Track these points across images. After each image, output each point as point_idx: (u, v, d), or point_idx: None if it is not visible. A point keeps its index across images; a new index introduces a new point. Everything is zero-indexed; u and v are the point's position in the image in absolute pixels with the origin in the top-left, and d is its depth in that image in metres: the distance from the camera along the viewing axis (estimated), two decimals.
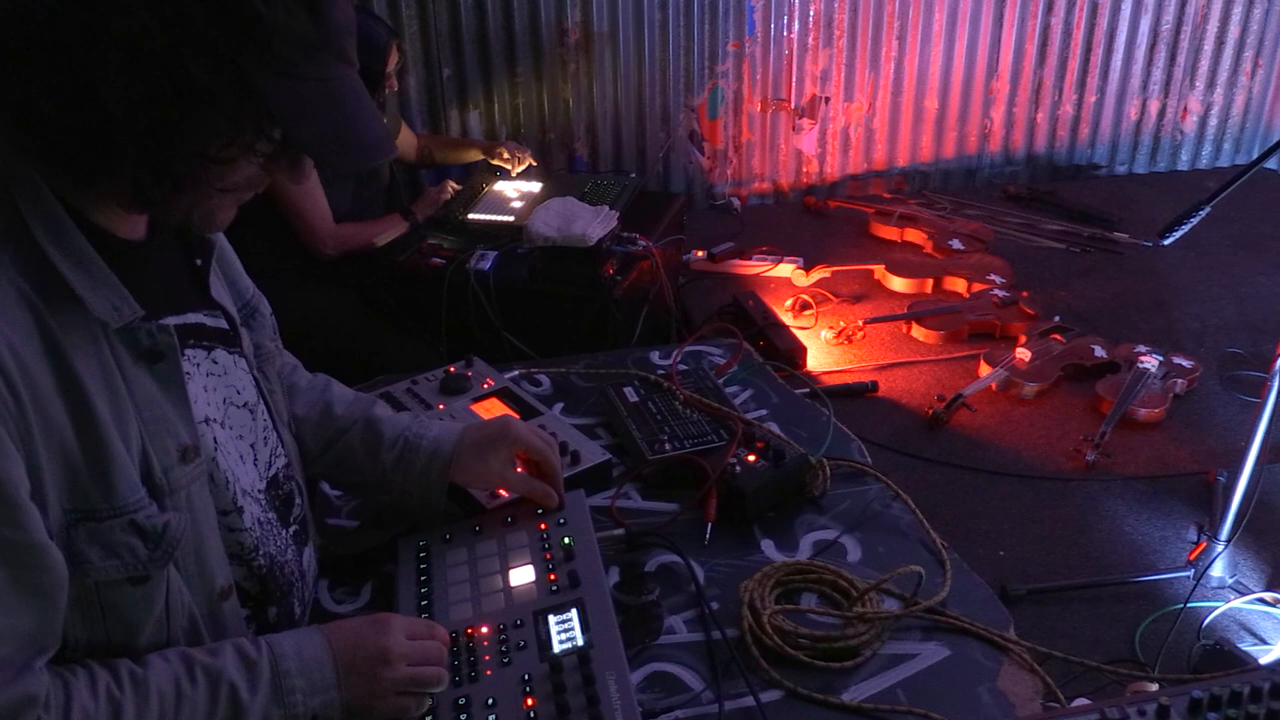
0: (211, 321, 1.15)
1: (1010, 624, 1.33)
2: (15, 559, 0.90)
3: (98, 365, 0.97)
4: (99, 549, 0.97)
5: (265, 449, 1.25)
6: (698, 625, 1.34)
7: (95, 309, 0.96)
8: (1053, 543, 2.42)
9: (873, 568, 1.43)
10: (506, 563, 1.34)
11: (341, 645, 1.11)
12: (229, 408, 1.16)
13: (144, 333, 1.01)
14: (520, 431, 1.42)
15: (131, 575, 1.00)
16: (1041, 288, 3.48)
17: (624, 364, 1.96)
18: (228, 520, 1.14)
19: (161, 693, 1.00)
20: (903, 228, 3.91)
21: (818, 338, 3.24)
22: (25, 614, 0.92)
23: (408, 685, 1.12)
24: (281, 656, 1.07)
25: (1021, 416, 2.88)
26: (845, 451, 1.68)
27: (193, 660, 1.04)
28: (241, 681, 1.04)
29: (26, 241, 0.93)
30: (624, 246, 2.93)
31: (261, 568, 1.19)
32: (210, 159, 0.95)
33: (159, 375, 1.03)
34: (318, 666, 1.08)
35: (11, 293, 0.91)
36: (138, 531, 1.00)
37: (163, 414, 1.03)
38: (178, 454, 1.04)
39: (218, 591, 1.11)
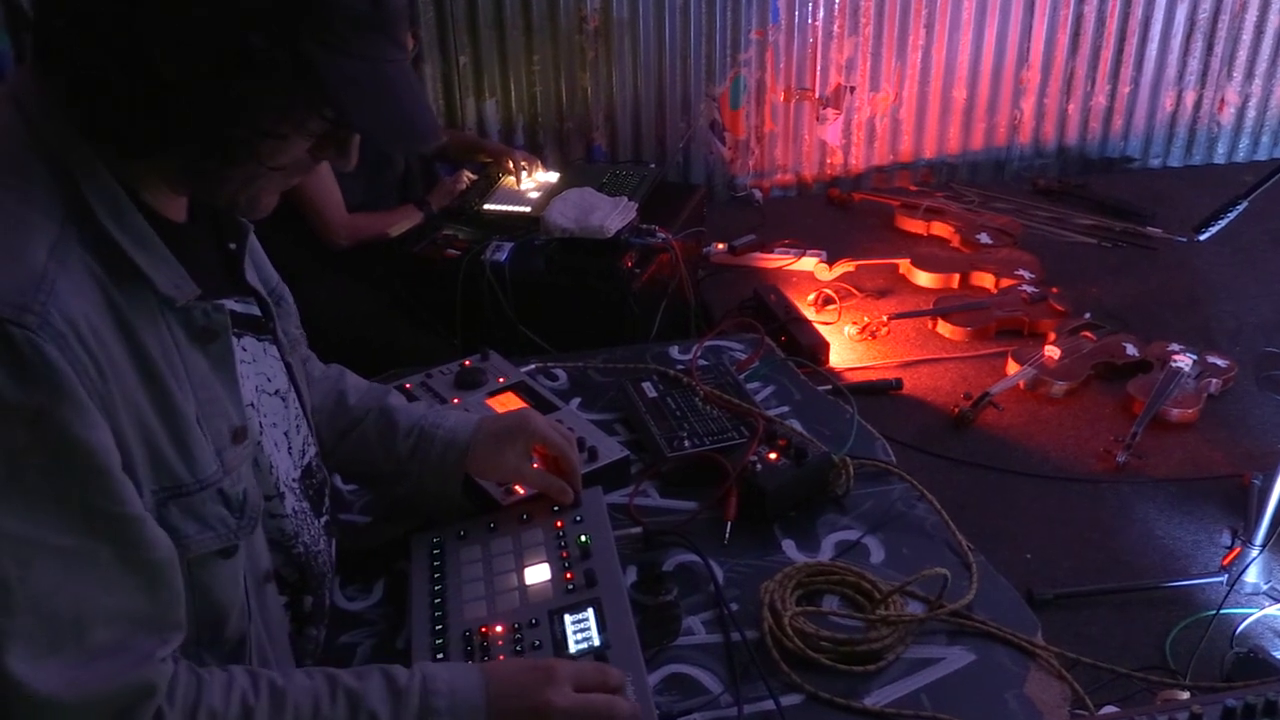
0: (242, 308, 1.17)
1: (1038, 629, 1.33)
2: (116, 534, 0.91)
3: (159, 343, 0.98)
4: (194, 523, 1.00)
5: (298, 437, 1.26)
6: (716, 626, 1.34)
7: (161, 286, 0.98)
8: (1081, 546, 2.41)
9: (896, 569, 1.43)
10: (522, 560, 1.35)
11: (498, 690, 1.07)
12: (261, 395, 1.18)
13: (199, 312, 1.03)
14: (538, 425, 1.42)
15: (224, 546, 1.03)
16: (1072, 284, 3.46)
17: (643, 359, 1.96)
18: (270, 505, 1.15)
19: (298, 708, 1.00)
20: (929, 221, 3.89)
21: (841, 333, 3.23)
22: (133, 593, 0.93)
23: None
24: (434, 693, 1.05)
25: (1050, 416, 2.87)
26: (869, 450, 1.68)
27: (337, 681, 1.04)
28: (383, 710, 1.02)
29: (90, 221, 0.94)
30: (643, 239, 2.93)
31: (300, 555, 1.21)
32: (264, 133, 0.96)
33: (212, 355, 1.05)
34: (469, 710, 1.05)
35: (82, 269, 0.93)
36: (224, 500, 1.02)
37: (216, 395, 1.05)
38: (230, 435, 1.06)
39: (262, 574, 1.13)
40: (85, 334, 0.90)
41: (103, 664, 0.90)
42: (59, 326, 0.87)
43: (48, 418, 0.86)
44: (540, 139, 4.12)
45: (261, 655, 1.13)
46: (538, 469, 1.44)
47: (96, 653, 0.90)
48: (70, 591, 0.89)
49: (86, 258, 0.93)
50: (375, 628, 1.37)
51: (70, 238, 0.93)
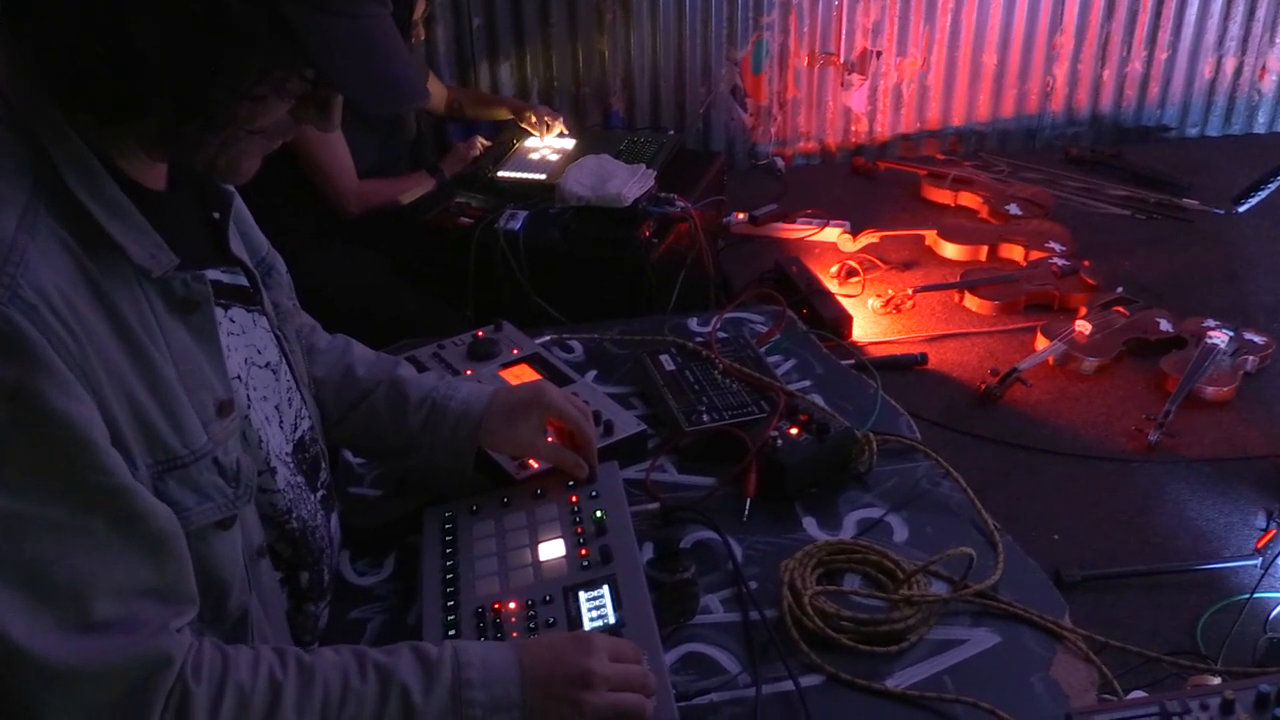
0: (229, 278, 1.16)
1: (1065, 611, 1.33)
2: (109, 504, 0.91)
3: (138, 314, 0.98)
4: (192, 494, 1.00)
5: (290, 410, 1.26)
6: (735, 605, 1.34)
7: (135, 256, 0.97)
8: (1110, 527, 2.41)
9: (920, 549, 1.43)
10: (536, 536, 1.35)
11: (533, 662, 1.08)
12: (251, 368, 1.17)
13: (179, 282, 1.02)
14: (554, 398, 1.42)
15: (222, 517, 1.03)
16: (1104, 257, 3.44)
17: (660, 330, 1.96)
18: (261, 480, 1.15)
19: (327, 683, 1.00)
20: (957, 191, 3.87)
21: (864, 306, 3.22)
22: (136, 565, 0.93)
23: (608, 713, 1.07)
24: (466, 664, 1.05)
25: (1080, 393, 2.86)
26: (893, 426, 1.68)
27: (365, 656, 1.04)
28: (415, 684, 1.02)
29: (61, 190, 0.94)
30: (661, 207, 2.91)
31: (294, 530, 1.21)
32: (242, 95, 0.96)
33: (193, 327, 1.05)
34: (502, 682, 1.05)
35: (53, 239, 0.92)
36: (220, 470, 1.03)
37: (198, 366, 1.04)
38: (215, 408, 1.05)
39: (254, 549, 1.13)
40: (59, 306, 0.89)
41: (114, 636, 0.91)
42: (29, 298, 0.86)
43: (25, 392, 0.85)
44: (556, 104, 4.10)
45: (260, 633, 1.14)
46: (552, 442, 1.44)
47: (104, 625, 0.90)
48: (68, 565, 0.89)
49: (57, 228, 0.92)
50: (386, 603, 1.38)
51: (39, 207, 0.91)
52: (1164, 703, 1.05)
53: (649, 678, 1.11)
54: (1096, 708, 1.09)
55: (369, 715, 1.00)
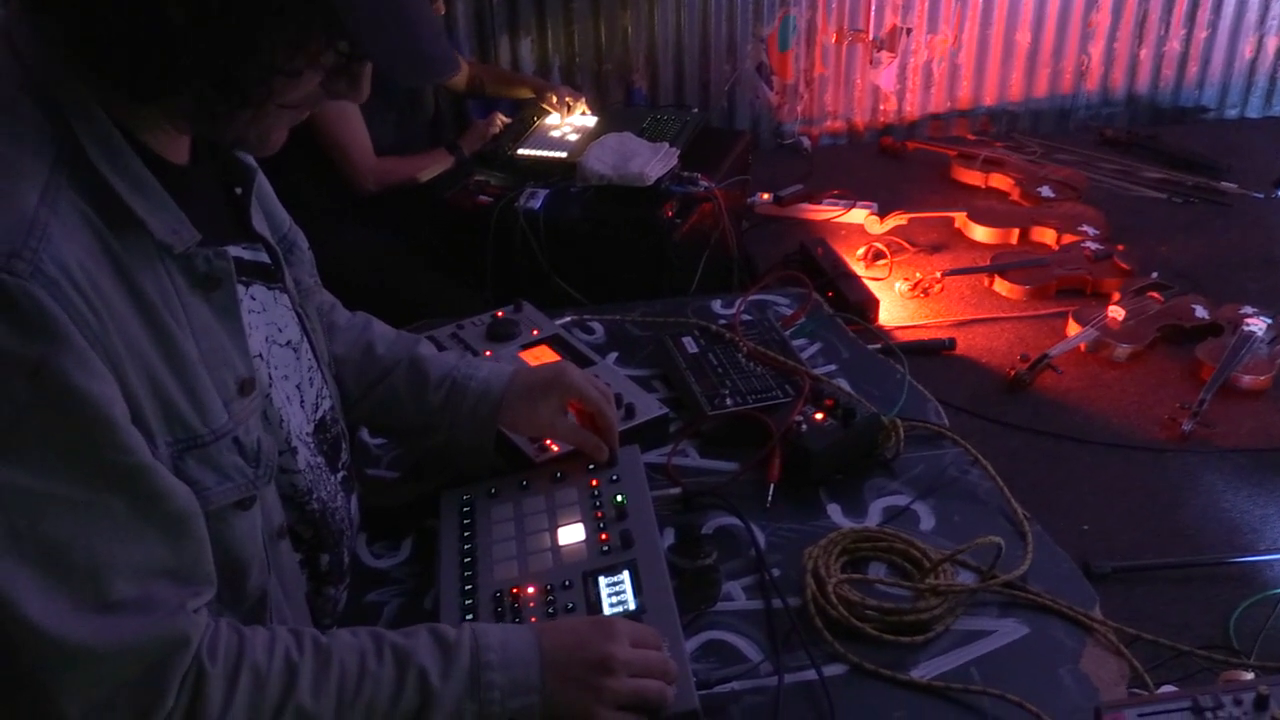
0: (250, 255, 1.16)
1: (1096, 602, 1.32)
2: (127, 484, 0.91)
3: (159, 291, 0.98)
4: (212, 473, 1.00)
5: (311, 390, 1.26)
6: (757, 593, 1.34)
7: (157, 232, 0.97)
8: (1142, 518, 2.40)
9: (947, 537, 1.42)
10: (555, 520, 1.35)
11: (554, 646, 1.08)
12: (271, 346, 1.17)
13: (201, 259, 1.02)
14: (575, 379, 1.42)
15: (242, 497, 1.03)
16: (1139, 241, 3.42)
17: (683, 312, 1.96)
18: (281, 460, 1.15)
19: (344, 665, 1.01)
20: (987, 172, 3.86)
21: (892, 290, 3.22)
22: (155, 545, 0.93)
23: (629, 699, 1.07)
24: (485, 647, 1.06)
25: (1112, 380, 2.84)
26: (920, 412, 1.67)
27: (383, 638, 1.05)
28: (434, 666, 1.03)
29: (83, 164, 0.94)
30: (684, 187, 2.91)
31: (315, 512, 1.21)
32: (277, 70, 0.96)
33: (215, 304, 1.04)
34: (522, 665, 1.06)
35: (75, 214, 0.92)
36: (240, 450, 1.03)
37: (220, 344, 1.05)
38: (236, 387, 1.06)
39: (274, 529, 1.13)
40: (81, 281, 0.89)
41: (130, 616, 0.91)
42: (52, 273, 0.87)
43: (48, 368, 0.86)
44: (578, 81, 4.10)
45: (279, 615, 1.14)
46: (573, 424, 1.44)
47: (120, 605, 0.91)
48: (85, 544, 0.89)
49: (79, 202, 0.92)
50: (403, 586, 1.38)
51: (61, 181, 0.92)
52: (1196, 697, 1.04)
53: (670, 664, 1.11)
54: (1127, 701, 1.08)
55: (386, 697, 1.01)
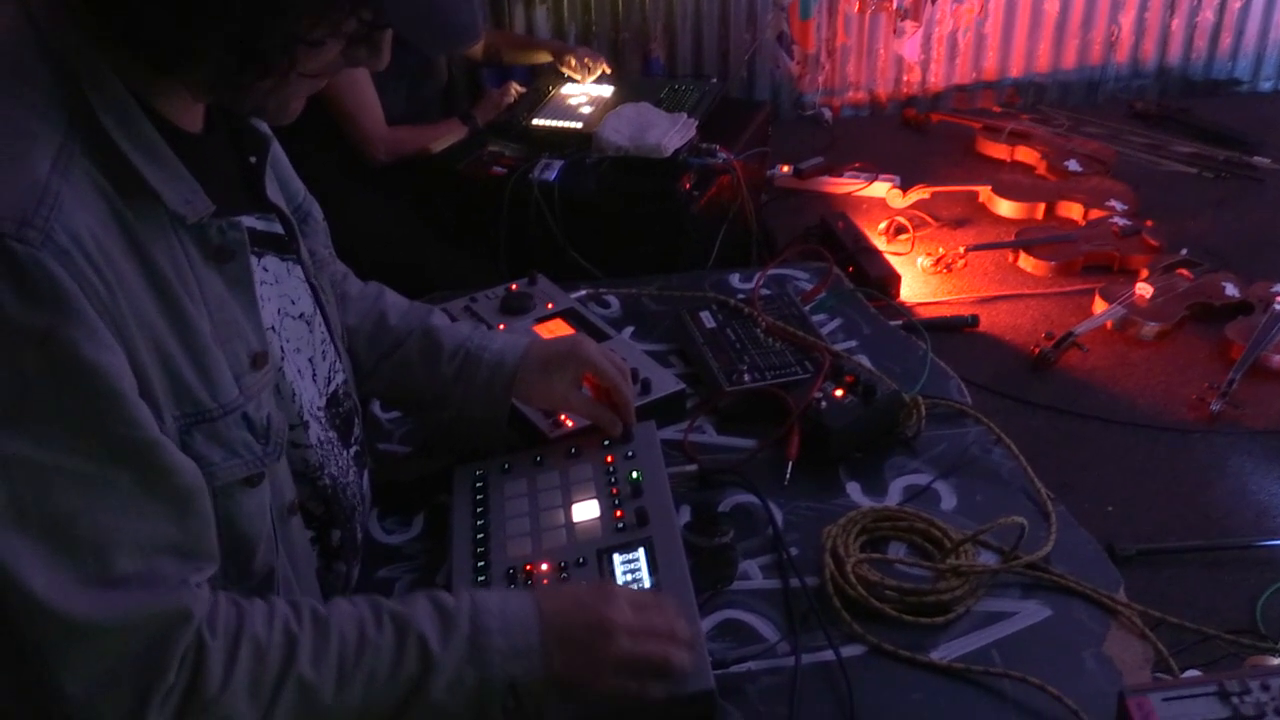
0: (263, 225, 1.16)
1: (1120, 585, 1.32)
2: (134, 459, 0.91)
3: (172, 262, 0.98)
4: (220, 449, 1.00)
5: (324, 364, 1.26)
6: (774, 572, 1.34)
7: (170, 203, 0.97)
8: (1168, 500, 2.39)
9: (969, 517, 1.42)
10: (569, 496, 1.35)
11: (553, 611, 1.08)
12: (284, 319, 1.17)
13: (214, 230, 1.02)
14: (590, 352, 1.42)
15: (250, 474, 1.03)
16: (1168, 217, 3.40)
17: (701, 286, 1.95)
18: (293, 435, 1.16)
19: (343, 635, 1.01)
20: (1013, 146, 3.84)
21: (914, 265, 3.21)
22: (160, 520, 0.94)
23: (631, 663, 1.07)
24: (484, 612, 1.06)
25: (1139, 359, 2.83)
26: (942, 390, 1.66)
27: (381, 607, 1.05)
28: (433, 633, 1.03)
29: (97, 132, 0.94)
30: (702, 159, 2.90)
31: (326, 487, 1.22)
32: (300, 40, 0.96)
33: (228, 275, 1.05)
34: (521, 630, 1.05)
35: (87, 182, 0.92)
36: (249, 426, 1.03)
37: (233, 317, 1.05)
38: (249, 360, 1.06)
39: (285, 505, 1.14)
40: (91, 251, 0.89)
41: (133, 591, 0.92)
42: (63, 242, 0.87)
43: (56, 339, 0.86)
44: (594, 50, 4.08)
45: (289, 591, 1.15)
46: (588, 397, 1.44)
47: (124, 580, 0.91)
48: (90, 518, 0.90)
49: (92, 170, 0.92)
50: (414, 562, 1.39)
51: (75, 149, 0.91)
52: (1223, 682, 1.04)
53: (674, 626, 1.11)
54: (1151, 686, 1.08)
55: (386, 666, 1.01)
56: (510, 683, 1.03)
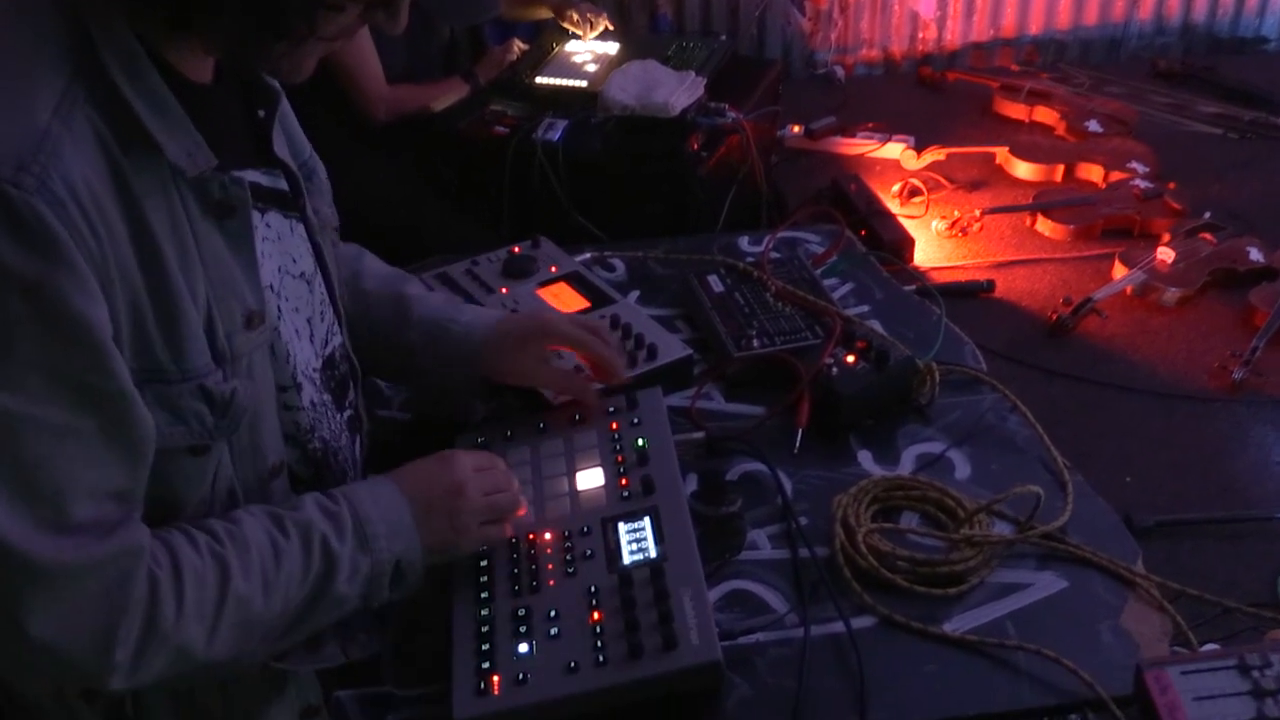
0: (268, 181, 1.17)
1: (1139, 556, 1.32)
2: (105, 409, 0.93)
3: (168, 217, 0.99)
4: (166, 414, 1.01)
5: (322, 325, 1.27)
6: (783, 542, 1.35)
7: (172, 155, 0.98)
8: (1188, 470, 2.39)
9: (983, 487, 1.42)
10: (573, 464, 1.35)
11: (413, 488, 1.18)
12: (284, 277, 1.18)
13: (216, 184, 1.03)
14: (555, 323, 1.43)
15: (194, 444, 1.05)
16: (1191, 179, 3.38)
17: (709, 250, 1.95)
18: (285, 397, 1.17)
19: (260, 547, 1.06)
20: (1032, 105, 3.81)
21: (928, 228, 3.19)
22: (115, 469, 0.96)
23: (487, 514, 1.22)
24: (359, 503, 1.13)
25: (1160, 326, 2.82)
26: (957, 356, 1.66)
27: (280, 515, 1.10)
28: (330, 530, 1.10)
29: (102, 79, 0.94)
30: (711, 119, 2.88)
31: (316, 451, 1.23)
32: (320, 4, 0.97)
33: (228, 232, 1.05)
34: (395, 511, 1.15)
35: (88, 130, 0.93)
36: (206, 398, 1.03)
37: (230, 274, 1.06)
38: (243, 319, 1.07)
39: (268, 468, 1.15)
40: (85, 201, 0.90)
41: (89, 535, 0.93)
42: (58, 191, 0.88)
43: (46, 287, 0.87)
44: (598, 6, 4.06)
45: None
46: (560, 370, 1.45)
47: (79, 527, 0.93)
48: (53, 466, 0.91)
49: (94, 118, 0.93)
50: None
51: (78, 95, 0.92)
52: (1243, 656, 1.04)
53: (511, 476, 1.27)
54: (1170, 659, 1.08)
55: (299, 568, 1.07)
56: (395, 560, 1.13)
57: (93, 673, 0.95)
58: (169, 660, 0.98)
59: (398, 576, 1.14)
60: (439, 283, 1.78)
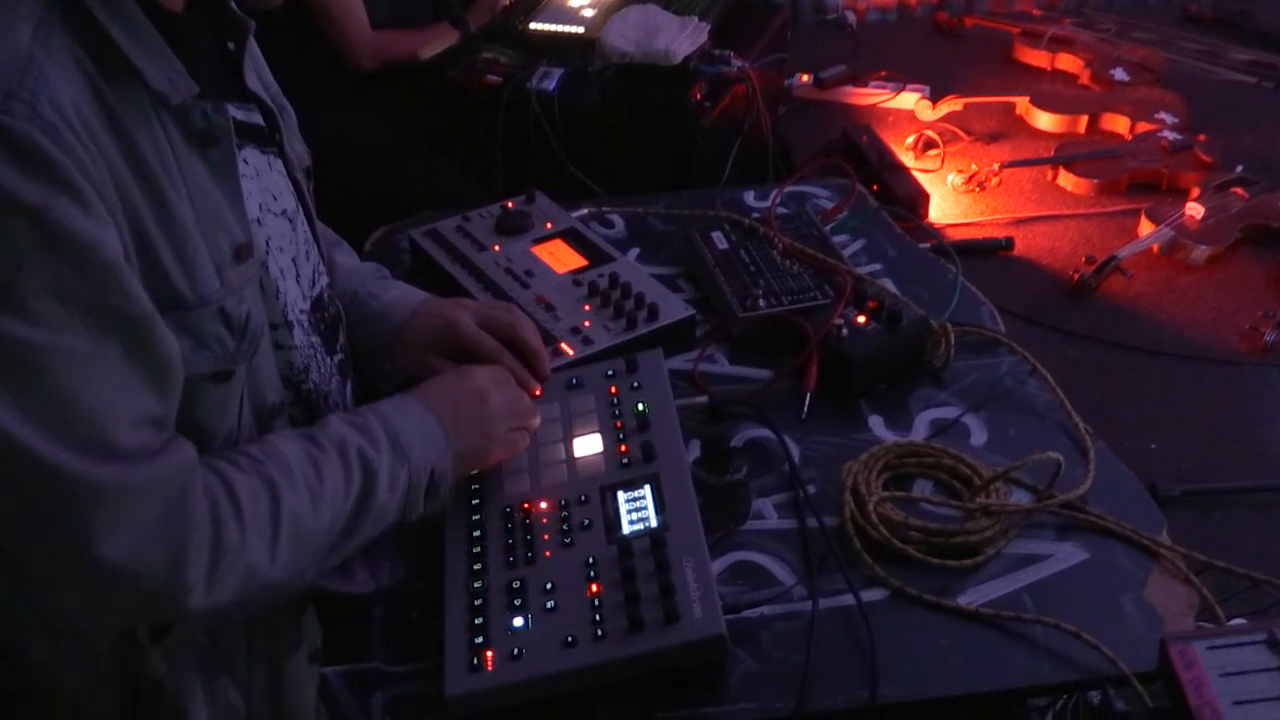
0: (243, 115, 1.17)
1: (1163, 526, 1.32)
2: (127, 331, 0.95)
3: (154, 147, 1.00)
4: (189, 340, 1.03)
5: (308, 265, 1.28)
6: (790, 511, 1.35)
7: (153, 81, 0.98)
8: (1216, 437, 2.39)
9: (1000, 453, 1.42)
10: (570, 430, 1.36)
11: (436, 400, 1.23)
12: (266, 214, 1.19)
13: (198, 113, 1.04)
14: (467, 333, 1.39)
15: (219, 369, 1.07)
16: (1223, 130, 3.36)
17: (712, 205, 1.95)
18: (277, 335, 1.18)
19: (299, 462, 1.09)
20: (1054, 53, 3.79)
21: (944, 183, 3.18)
22: (147, 395, 0.98)
23: (512, 418, 1.28)
24: (388, 416, 1.18)
25: (1188, 286, 2.82)
26: (973, 316, 1.66)
27: (311, 433, 1.14)
28: (365, 442, 1.14)
29: (77, 5, 0.95)
30: (715, 67, 2.87)
31: (309, 393, 1.25)
32: None
33: (212, 162, 1.06)
34: (423, 421, 1.20)
35: (67, 56, 0.93)
36: (225, 320, 1.05)
37: (216, 206, 1.06)
38: (231, 252, 1.08)
39: (269, 407, 1.17)
40: (76, 125, 0.91)
41: (136, 463, 0.95)
42: (49, 116, 0.89)
43: (50, 213, 0.88)
44: None
45: None
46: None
47: (125, 455, 0.95)
48: (89, 394, 0.93)
49: (73, 45, 0.94)
50: None
51: (54, 21, 0.93)
52: (1273, 630, 1.04)
53: (524, 373, 1.36)
54: (1195, 633, 1.09)
55: (341, 482, 1.11)
56: (430, 469, 1.18)
57: (170, 593, 0.97)
58: (239, 580, 1.01)
59: (431, 488, 1.19)
60: (429, 239, 1.78)
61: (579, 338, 1.54)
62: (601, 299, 1.62)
